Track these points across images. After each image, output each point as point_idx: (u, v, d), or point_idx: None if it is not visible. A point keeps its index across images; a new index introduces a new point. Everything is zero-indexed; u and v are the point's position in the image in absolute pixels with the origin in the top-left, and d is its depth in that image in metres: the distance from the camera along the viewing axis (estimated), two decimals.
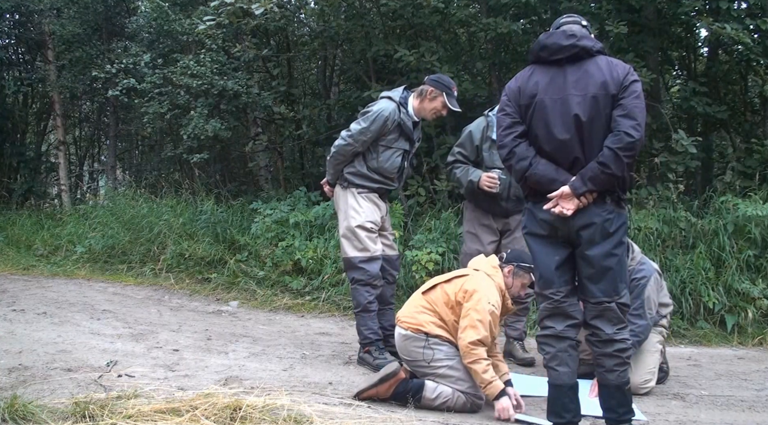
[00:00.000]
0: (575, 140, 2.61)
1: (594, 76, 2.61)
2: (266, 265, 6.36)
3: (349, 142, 3.96)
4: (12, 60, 11.33)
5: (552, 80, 2.68)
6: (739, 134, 7.43)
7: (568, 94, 2.62)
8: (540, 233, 2.74)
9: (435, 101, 3.97)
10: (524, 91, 2.74)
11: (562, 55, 2.67)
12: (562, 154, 2.65)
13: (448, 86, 3.97)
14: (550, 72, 2.70)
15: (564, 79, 2.65)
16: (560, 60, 2.68)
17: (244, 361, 4.01)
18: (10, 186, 11.11)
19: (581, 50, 2.66)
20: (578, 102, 2.60)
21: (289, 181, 8.72)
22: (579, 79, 2.63)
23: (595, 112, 2.59)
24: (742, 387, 3.82)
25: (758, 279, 5.13)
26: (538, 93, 2.69)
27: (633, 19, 6.35)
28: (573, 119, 2.60)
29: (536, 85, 2.70)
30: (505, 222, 4.28)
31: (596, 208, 2.61)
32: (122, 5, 10.27)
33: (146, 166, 12.25)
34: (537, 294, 2.83)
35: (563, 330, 2.71)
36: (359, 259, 3.91)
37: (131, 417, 2.69)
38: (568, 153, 2.63)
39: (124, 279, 6.87)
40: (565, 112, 2.62)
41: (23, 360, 3.73)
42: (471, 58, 7.42)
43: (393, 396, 3.23)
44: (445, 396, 3.20)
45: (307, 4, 8.16)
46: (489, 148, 4.13)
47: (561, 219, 2.64)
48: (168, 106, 7.97)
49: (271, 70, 8.79)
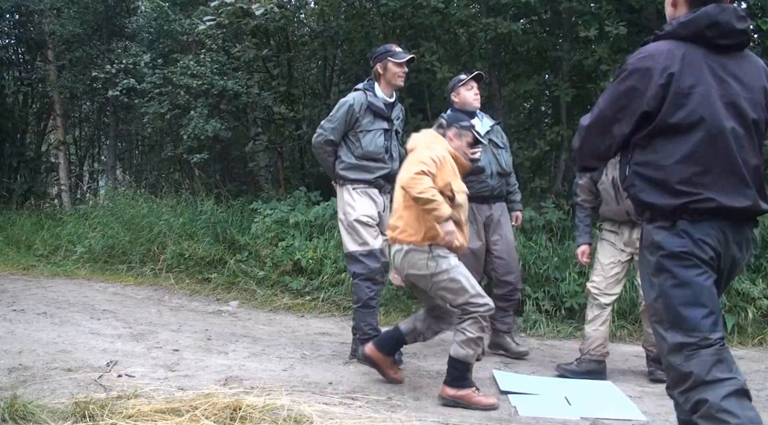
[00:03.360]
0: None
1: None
2: (266, 265, 6.36)
3: (319, 133, 4.10)
4: (12, 60, 11.32)
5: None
6: None
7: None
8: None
9: (387, 70, 4.04)
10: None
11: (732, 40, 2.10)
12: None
13: (386, 49, 4.08)
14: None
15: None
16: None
17: (244, 361, 4.01)
18: (10, 186, 11.10)
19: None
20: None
21: (289, 181, 8.72)
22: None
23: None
24: None
25: (758, 279, 5.13)
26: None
27: (633, 19, 6.34)
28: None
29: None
30: (488, 214, 4.30)
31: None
32: (122, 5, 10.27)
33: (146, 166, 12.24)
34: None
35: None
36: (360, 253, 3.95)
37: (131, 417, 2.69)
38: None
39: (124, 279, 6.87)
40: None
41: (23, 360, 3.73)
42: (471, 58, 7.42)
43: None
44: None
45: (307, 4, 8.18)
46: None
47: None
48: (168, 106, 7.97)
49: (271, 70, 8.79)
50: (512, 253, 4.37)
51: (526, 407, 3.28)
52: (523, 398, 3.42)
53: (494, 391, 3.56)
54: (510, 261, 4.32)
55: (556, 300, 5.36)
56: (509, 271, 4.30)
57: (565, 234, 5.95)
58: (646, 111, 2.05)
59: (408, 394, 3.44)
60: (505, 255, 4.30)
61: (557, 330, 5.14)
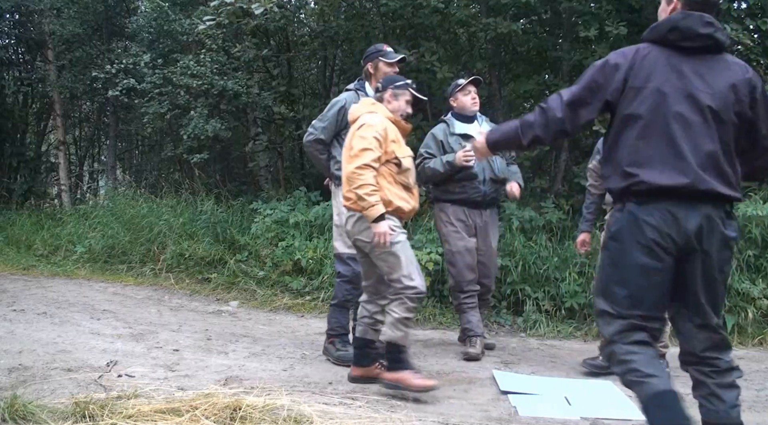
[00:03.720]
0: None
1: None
2: (266, 265, 6.36)
3: (310, 132, 4.15)
4: (12, 60, 11.32)
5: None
6: None
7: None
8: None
9: (378, 70, 4.03)
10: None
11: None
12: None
13: (377, 49, 4.08)
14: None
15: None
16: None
17: (244, 361, 4.01)
18: (10, 186, 11.10)
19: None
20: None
21: (289, 181, 8.72)
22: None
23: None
24: (742, 387, 3.78)
25: (758, 279, 5.13)
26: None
27: (633, 19, 6.34)
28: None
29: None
30: (479, 221, 4.35)
31: None
32: (122, 5, 10.27)
33: (146, 166, 12.24)
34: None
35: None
36: (348, 256, 3.98)
37: (131, 417, 2.69)
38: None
39: (124, 279, 6.87)
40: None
41: (23, 360, 3.73)
42: (471, 58, 7.42)
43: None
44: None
45: (307, 4, 8.18)
46: (457, 141, 4.32)
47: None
48: (168, 106, 7.97)
49: (271, 70, 8.79)
50: (493, 260, 4.51)
51: (526, 407, 3.28)
52: (523, 398, 3.42)
53: (494, 391, 3.56)
54: (490, 267, 4.46)
55: (556, 300, 5.36)
56: (486, 276, 4.45)
57: (565, 234, 5.95)
58: (608, 100, 2.33)
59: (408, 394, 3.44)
60: (487, 261, 4.42)
61: (557, 330, 5.14)
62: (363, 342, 3.60)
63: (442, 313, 5.46)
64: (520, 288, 5.44)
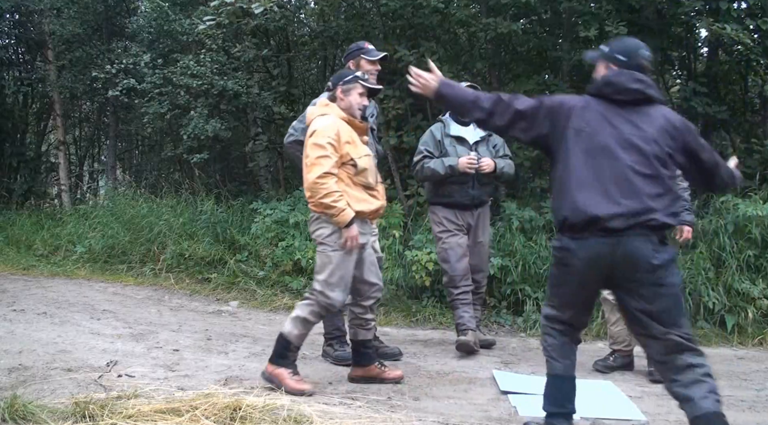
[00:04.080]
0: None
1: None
2: (266, 265, 6.36)
3: (290, 133, 4.10)
4: (12, 60, 11.31)
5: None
6: (739, 134, 7.41)
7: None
8: None
9: (359, 67, 3.97)
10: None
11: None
12: None
13: (359, 47, 4.04)
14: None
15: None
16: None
17: (244, 361, 4.01)
18: (10, 186, 11.10)
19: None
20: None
21: (289, 181, 8.71)
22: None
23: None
24: (742, 387, 3.82)
25: (758, 279, 5.13)
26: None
27: (633, 19, 6.33)
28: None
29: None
30: (470, 221, 4.43)
31: None
32: (122, 5, 10.26)
33: (146, 166, 12.23)
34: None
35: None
36: None
37: (131, 417, 2.69)
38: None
39: (124, 279, 6.87)
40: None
41: (23, 360, 3.74)
42: (471, 58, 7.41)
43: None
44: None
45: (307, 4, 8.18)
46: (451, 144, 4.37)
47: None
48: (168, 106, 7.96)
49: (271, 70, 8.78)
50: (485, 257, 4.63)
51: (526, 407, 3.28)
52: (523, 398, 3.42)
53: (494, 391, 3.56)
54: (481, 265, 4.57)
55: None
56: (479, 270, 4.54)
57: None
58: (542, 133, 2.69)
59: (408, 394, 3.44)
60: (478, 259, 4.51)
61: None
62: (357, 343, 3.63)
63: (442, 313, 5.45)
64: (520, 288, 5.44)
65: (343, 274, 3.38)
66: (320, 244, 3.44)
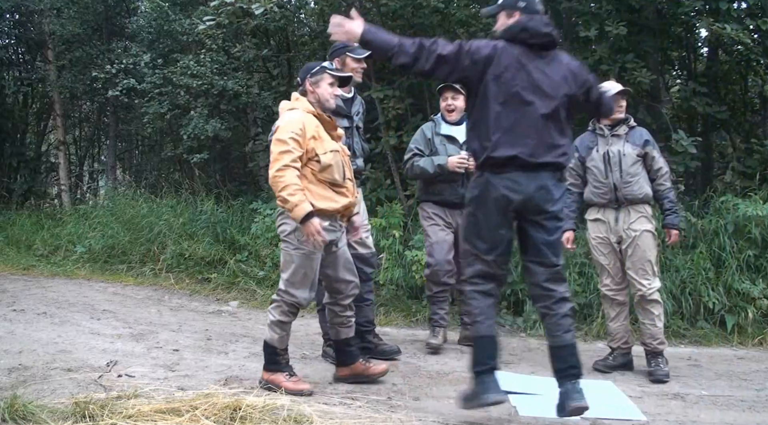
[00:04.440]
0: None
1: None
2: (266, 265, 6.36)
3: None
4: (12, 60, 11.33)
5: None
6: (739, 134, 7.42)
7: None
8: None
9: (345, 65, 3.96)
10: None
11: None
12: None
13: (344, 45, 3.92)
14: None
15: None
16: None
17: (244, 361, 4.01)
18: (10, 186, 11.11)
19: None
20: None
21: None
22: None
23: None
24: (742, 387, 3.82)
25: (758, 279, 5.12)
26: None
27: (633, 19, 6.33)
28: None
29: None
30: (458, 220, 4.36)
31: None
32: (122, 5, 10.27)
33: (146, 166, 12.24)
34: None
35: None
36: None
37: (131, 417, 2.69)
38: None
39: (124, 279, 6.87)
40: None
41: (23, 360, 3.74)
42: None
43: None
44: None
45: (307, 4, 8.17)
46: (441, 142, 4.41)
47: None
48: (168, 106, 7.97)
49: (271, 70, 8.79)
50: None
51: (526, 407, 3.28)
52: (523, 398, 3.41)
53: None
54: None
55: None
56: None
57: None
58: (463, 76, 2.90)
59: (408, 394, 3.44)
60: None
61: None
62: (340, 342, 3.61)
63: None
64: (520, 288, 5.43)
65: (306, 272, 3.33)
66: (283, 241, 3.40)
